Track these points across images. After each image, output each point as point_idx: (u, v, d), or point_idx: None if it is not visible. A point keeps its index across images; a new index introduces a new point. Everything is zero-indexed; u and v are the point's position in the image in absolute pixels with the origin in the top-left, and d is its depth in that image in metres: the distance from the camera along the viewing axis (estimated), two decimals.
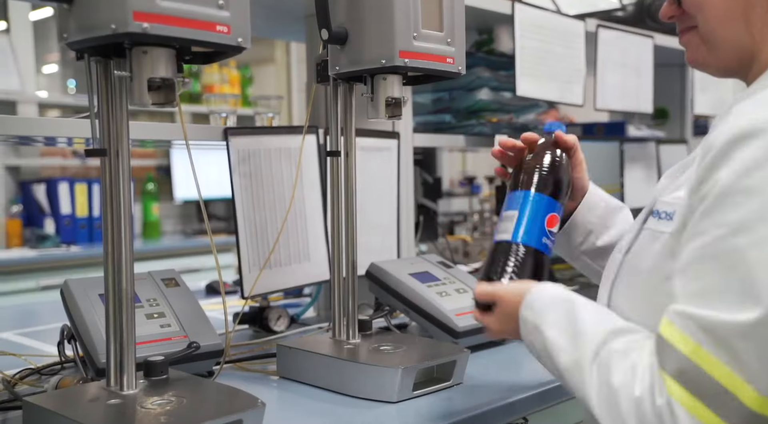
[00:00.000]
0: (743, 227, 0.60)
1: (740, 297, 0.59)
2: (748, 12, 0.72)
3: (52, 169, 3.57)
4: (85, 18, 0.76)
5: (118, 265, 0.87)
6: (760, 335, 0.58)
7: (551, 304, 0.76)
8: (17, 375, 1.13)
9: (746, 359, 0.58)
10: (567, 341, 0.71)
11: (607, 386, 0.65)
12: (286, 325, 1.47)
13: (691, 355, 0.60)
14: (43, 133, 1.14)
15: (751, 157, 0.60)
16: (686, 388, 0.60)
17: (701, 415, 0.59)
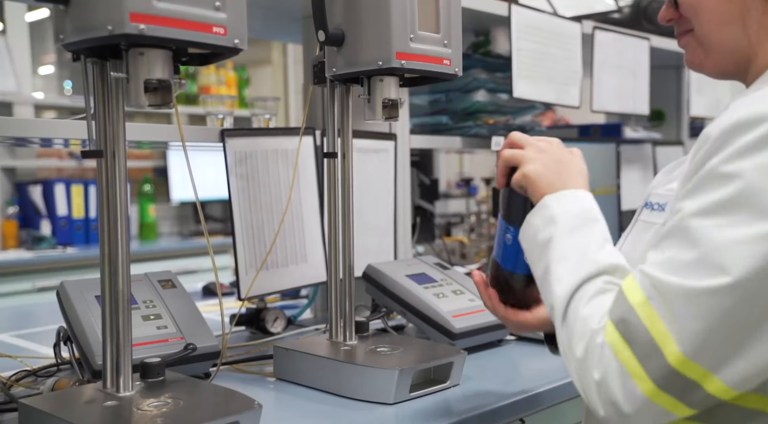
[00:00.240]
0: (718, 209, 0.61)
1: (700, 269, 0.61)
2: (744, 15, 0.73)
3: (49, 171, 3.56)
4: (82, 19, 0.76)
5: (115, 266, 0.87)
6: (703, 303, 0.60)
7: (578, 210, 0.75)
8: (13, 377, 1.13)
9: (684, 321, 0.61)
10: (574, 253, 0.72)
11: (575, 314, 0.68)
12: (283, 326, 1.47)
13: (637, 306, 0.63)
14: (39, 135, 1.14)
15: (739, 146, 0.62)
16: (621, 334, 0.64)
17: (625, 360, 0.63)
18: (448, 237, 2.38)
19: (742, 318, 0.60)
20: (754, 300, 0.60)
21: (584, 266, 0.70)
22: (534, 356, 1.27)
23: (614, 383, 0.63)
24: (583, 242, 0.72)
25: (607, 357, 0.64)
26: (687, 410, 0.64)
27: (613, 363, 0.63)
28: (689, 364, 0.61)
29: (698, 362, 0.61)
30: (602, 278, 0.70)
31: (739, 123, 0.62)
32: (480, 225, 2.36)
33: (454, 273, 1.45)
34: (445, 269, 1.45)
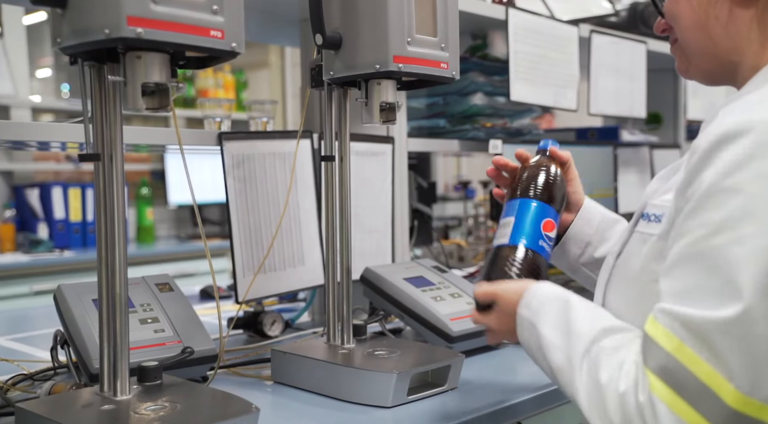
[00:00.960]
0: (725, 226, 0.60)
1: (721, 294, 0.59)
2: (707, 23, 0.74)
3: (46, 174, 3.55)
4: (79, 22, 0.76)
5: (112, 269, 0.87)
6: (740, 331, 0.58)
7: (547, 302, 0.77)
8: (9, 381, 1.13)
9: (726, 356, 0.58)
10: (560, 339, 0.72)
11: (595, 383, 0.66)
12: (280, 330, 1.47)
13: (674, 352, 0.61)
14: (36, 138, 1.14)
15: (733, 158, 0.61)
16: (668, 385, 0.61)
17: (682, 412, 0.60)
18: (446, 240, 2.38)
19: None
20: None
21: (582, 338, 0.70)
22: (531, 360, 1.27)
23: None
24: (564, 325, 0.73)
25: (661, 411, 0.60)
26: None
27: (669, 417, 0.60)
28: (747, 401, 0.58)
29: (755, 397, 0.58)
30: (609, 338, 0.68)
31: (726, 134, 0.62)
32: (477, 228, 2.36)
33: (452, 276, 1.45)
34: (443, 272, 1.45)
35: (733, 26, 0.72)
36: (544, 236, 0.94)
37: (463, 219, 2.51)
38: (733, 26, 0.72)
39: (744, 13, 0.71)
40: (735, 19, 0.72)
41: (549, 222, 0.95)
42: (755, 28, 0.71)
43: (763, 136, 0.60)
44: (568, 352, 0.70)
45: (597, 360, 0.67)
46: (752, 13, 0.71)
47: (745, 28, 0.72)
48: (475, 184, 2.97)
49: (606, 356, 0.67)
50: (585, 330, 0.70)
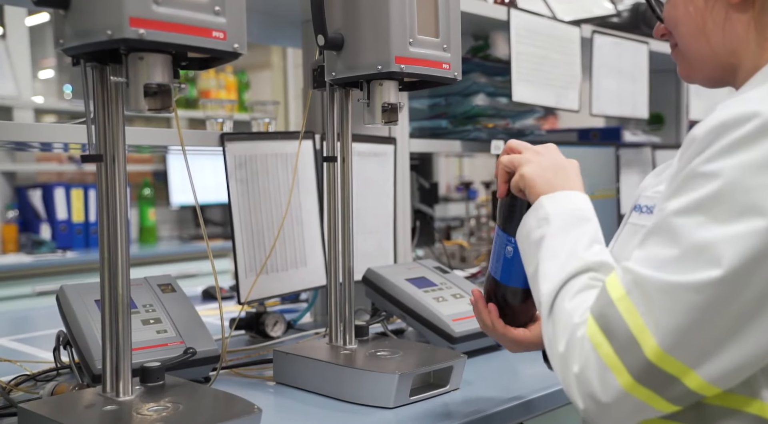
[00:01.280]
0: (699, 206, 0.62)
1: (676, 264, 0.62)
2: (707, 27, 0.75)
3: (48, 175, 3.56)
4: (81, 24, 0.76)
5: (114, 270, 0.87)
6: (680, 297, 0.61)
7: (571, 212, 0.77)
8: (12, 381, 1.13)
9: (660, 314, 0.61)
10: (560, 255, 0.74)
11: (560, 309, 0.70)
12: (282, 330, 1.47)
13: (616, 300, 0.64)
14: (39, 139, 1.14)
15: (724, 144, 0.62)
16: (601, 328, 0.64)
17: (605, 354, 0.63)
18: (448, 241, 2.38)
19: (722, 315, 0.60)
20: (732, 297, 0.60)
21: (571, 263, 0.72)
22: (533, 361, 1.27)
23: (593, 376, 0.64)
24: (572, 241, 0.74)
25: (587, 350, 0.65)
26: (667, 405, 0.64)
27: (592, 356, 0.64)
28: (667, 358, 0.61)
29: (676, 357, 0.61)
30: (588, 274, 0.71)
31: (724, 123, 0.63)
32: (479, 229, 2.36)
33: (454, 277, 1.45)
34: (445, 273, 1.45)
35: (730, 30, 0.73)
36: None
37: (465, 220, 2.51)
38: (730, 30, 0.73)
39: (740, 16, 0.72)
40: (732, 23, 0.73)
41: None
42: (752, 30, 0.72)
43: (756, 127, 0.61)
44: (559, 273, 0.72)
45: (573, 291, 0.70)
46: (748, 16, 0.72)
47: (742, 31, 0.73)
48: (477, 185, 2.96)
49: (582, 291, 0.70)
50: (584, 255, 0.72)
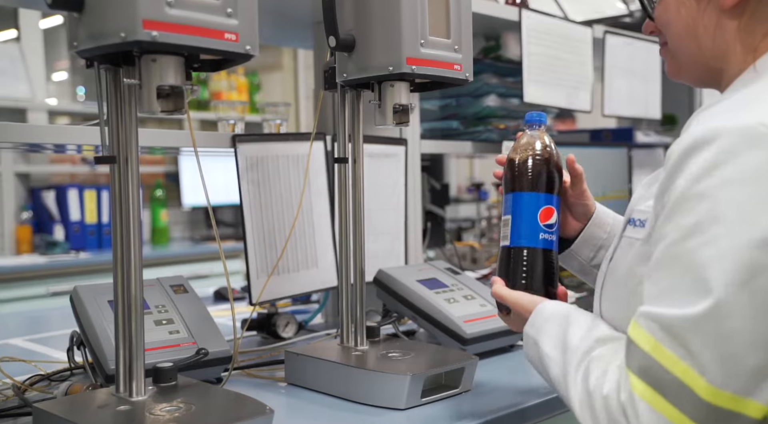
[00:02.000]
0: (695, 230, 0.63)
1: (693, 292, 0.62)
2: (696, 31, 0.76)
3: (62, 176, 3.59)
4: (95, 26, 0.77)
5: (127, 271, 0.88)
6: (710, 326, 0.61)
7: (550, 320, 0.83)
8: (27, 381, 1.14)
9: (698, 352, 0.61)
10: (558, 354, 0.78)
11: (584, 390, 0.70)
12: (294, 331, 1.47)
13: (652, 351, 0.64)
14: (52, 141, 1.15)
15: (702, 165, 0.64)
16: (648, 383, 0.64)
17: (662, 408, 0.62)
18: (459, 242, 2.38)
19: (756, 330, 0.60)
20: (758, 308, 0.60)
21: (572, 357, 0.75)
22: None
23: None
24: (563, 341, 0.78)
25: (642, 409, 0.63)
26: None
27: (650, 414, 0.63)
28: (721, 394, 0.60)
29: (729, 391, 0.60)
30: (595, 351, 0.73)
31: (695, 143, 0.65)
32: (491, 230, 2.35)
33: (465, 278, 1.44)
34: (456, 274, 1.45)
35: (720, 35, 0.75)
36: (542, 228, 0.94)
37: (476, 221, 2.51)
38: (720, 35, 0.75)
39: (730, 22, 0.74)
40: (722, 29, 0.75)
41: (546, 211, 0.95)
42: (739, 36, 0.74)
43: (726, 143, 0.63)
44: (564, 366, 0.76)
45: (587, 369, 0.72)
46: (738, 23, 0.74)
47: (731, 37, 0.74)
48: (488, 186, 2.96)
49: (595, 364, 0.72)
50: (580, 344, 0.76)
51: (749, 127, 0.62)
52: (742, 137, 0.62)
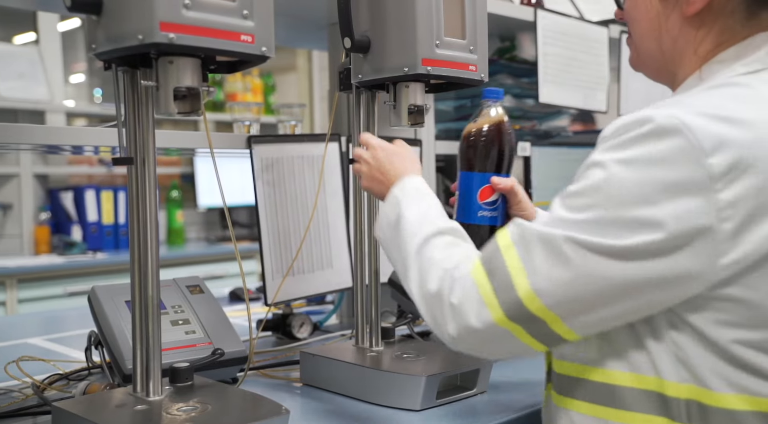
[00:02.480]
0: (583, 190, 0.69)
1: (553, 223, 0.70)
2: (660, 34, 0.80)
3: (79, 177, 3.63)
4: (113, 29, 0.78)
5: (145, 272, 0.88)
6: (555, 246, 0.68)
7: (422, 190, 0.91)
8: (46, 380, 1.15)
9: (537, 260, 0.69)
10: (416, 221, 0.85)
11: (429, 259, 0.79)
12: (309, 332, 1.48)
13: (502, 247, 0.72)
14: (70, 142, 1.16)
15: (616, 143, 0.69)
16: (486, 270, 0.72)
17: (484, 291, 0.71)
18: None
19: (592, 280, 0.67)
20: (583, 270, 0.67)
21: (427, 228, 0.83)
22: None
23: (470, 309, 0.71)
24: (424, 209, 0.87)
25: (468, 287, 0.72)
26: (533, 341, 0.71)
27: (473, 292, 0.72)
28: (535, 300, 0.68)
29: (543, 301, 0.68)
30: (446, 236, 0.81)
31: (624, 123, 0.69)
32: None
33: None
34: None
35: (679, 40, 0.79)
36: (481, 205, 1.02)
37: None
38: (679, 40, 0.79)
39: (689, 30, 0.78)
40: (681, 35, 0.78)
41: (485, 189, 1.02)
42: (694, 45, 0.78)
43: (642, 129, 0.66)
44: (419, 232, 0.83)
45: (440, 246, 0.80)
46: (695, 33, 0.78)
47: (687, 44, 0.78)
48: None
49: (448, 246, 0.80)
50: (436, 222, 0.84)
51: (666, 118, 0.66)
52: (657, 126, 0.65)
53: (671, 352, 0.67)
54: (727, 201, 0.62)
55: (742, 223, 0.63)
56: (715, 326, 0.65)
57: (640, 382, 0.68)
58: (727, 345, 0.65)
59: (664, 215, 0.63)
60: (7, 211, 3.27)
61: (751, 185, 0.62)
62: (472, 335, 0.72)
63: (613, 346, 0.71)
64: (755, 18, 0.74)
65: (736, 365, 0.65)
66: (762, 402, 0.65)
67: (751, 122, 0.65)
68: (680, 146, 0.63)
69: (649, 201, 0.64)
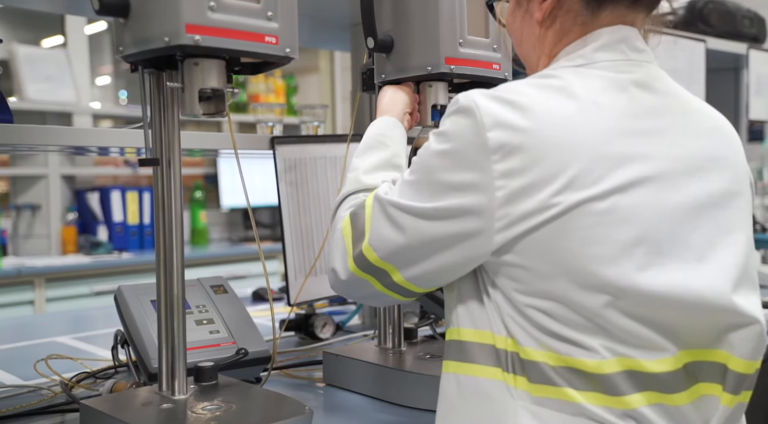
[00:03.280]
0: (414, 163, 0.78)
1: (393, 189, 0.80)
2: (523, 37, 0.88)
3: (105, 178, 3.68)
4: (140, 31, 0.78)
5: (170, 271, 0.89)
6: (384, 208, 0.78)
7: (371, 137, 0.97)
8: (74, 378, 1.17)
9: (377, 219, 0.79)
10: (349, 176, 0.92)
11: (337, 216, 0.88)
12: (331, 332, 1.48)
13: (366, 206, 0.82)
14: (97, 144, 1.18)
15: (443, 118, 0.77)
16: (351, 223, 0.83)
17: (347, 242, 0.82)
18: None
19: (418, 238, 0.76)
20: (426, 229, 0.75)
21: (352, 184, 0.90)
22: None
23: (337, 257, 0.83)
24: (362, 163, 0.93)
25: (338, 237, 0.84)
26: (385, 289, 0.81)
27: (341, 243, 0.83)
28: (373, 254, 0.79)
29: (380, 256, 0.78)
30: (362, 193, 0.88)
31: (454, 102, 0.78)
32: None
33: None
34: None
35: (537, 44, 0.85)
36: None
37: None
38: (537, 44, 0.85)
39: (543, 33, 0.84)
40: (539, 39, 0.85)
41: None
42: (545, 43, 0.84)
43: (455, 108, 0.75)
44: (349, 185, 0.91)
45: (348, 204, 0.88)
46: (545, 32, 0.84)
47: (540, 44, 0.85)
48: None
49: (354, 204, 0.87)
50: (363, 178, 0.91)
51: (464, 97, 0.74)
52: (459, 106, 0.74)
53: (495, 309, 0.75)
54: (500, 172, 0.70)
55: (512, 194, 0.70)
56: (512, 290, 0.73)
57: (480, 337, 0.76)
58: (524, 309, 0.72)
59: (454, 182, 0.73)
60: (35, 211, 3.33)
61: (519, 165, 0.70)
62: (339, 281, 0.83)
63: (465, 307, 0.78)
64: (596, 17, 0.80)
65: (536, 326, 0.72)
66: (568, 360, 0.70)
67: (532, 110, 0.72)
68: (469, 123, 0.73)
69: (445, 169, 0.73)
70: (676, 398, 0.72)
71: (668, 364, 0.71)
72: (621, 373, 0.70)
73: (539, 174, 0.69)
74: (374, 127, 0.98)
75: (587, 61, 0.79)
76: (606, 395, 0.70)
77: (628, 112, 0.74)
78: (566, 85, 0.74)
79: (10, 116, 1.04)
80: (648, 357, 0.71)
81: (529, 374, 0.72)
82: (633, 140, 0.73)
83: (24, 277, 2.87)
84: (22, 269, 2.88)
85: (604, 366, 0.70)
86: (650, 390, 0.71)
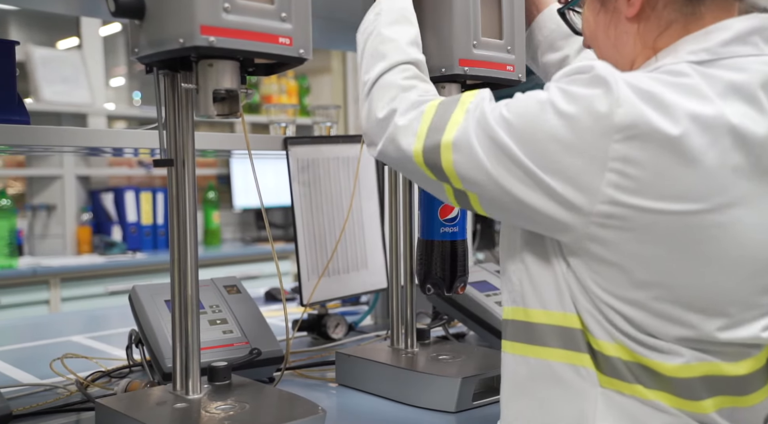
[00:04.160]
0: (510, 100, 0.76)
1: (501, 121, 0.75)
2: (609, 37, 0.84)
3: (119, 179, 3.70)
4: (155, 33, 0.79)
5: (184, 271, 0.90)
6: (478, 124, 0.74)
7: (398, 10, 0.93)
8: (89, 377, 1.18)
9: (470, 128, 0.75)
10: (388, 45, 0.89)
11: (390, 81, 0.85)
12: (344, 332, 1.48)
13: (459, 103, 0.79)
14: (112, 144, 1.19)
15: (567, 79, 0.73)
16: (437, 110, 0.79)
17: (422, 124, 0.79)
18: None
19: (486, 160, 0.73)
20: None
21: (396, 54, 0.87)
22: None
23: (404, 134, 0.79)
24: (399, 34, 0.90)
25: (414, 114, 0.80)
26: (433, 178, 0.78)
27: (417, 122, 0.79)
28: (449, 151, 0.75)
29: (453, 157, 0.74)
30: (412, 68, 0.87)
31: (573, 68, 0.74)
32: None
33: None
34: None
35: (627, 39, 0.82)
36: (443, 223, 1.07)
37: None
38: (627, 39, 0.82)
39: (632, 27, 0.81)
40: (627, 34, 0.81)
41: (445, 207, 1.06)
42: (640, 39, 0.80)
43: (590, 76, 0.70)
44: (391, 54, 0.88)
45: (405, 75, 0.86)
46: (637, 28, 0.80)
47: (634, 40, 0.81)
48: None
49: (412, 78, 0.86)
50: (407, 50, 0.88)
51: (604, 68, 0.69)
52: (595, 75, 0.69)
53: (567, 290, 0.71)
54: (618, 154, 0.65)
55: (623, 183, 0.65)
56: (590, 280, 0.69)
57: (550, 318, 0.73)
58: (601, 305, 0.69)
59: (564, 165, 0.67)
60: (51, 211, 3.37)
61: (641, 156, 0.64)
62: (393, 157, 0.81)
63: (533, 285, 0.75)
64: (697, 7, 0.75)
65: (612, 325, 0.69)
66: (643, 359, 0.68)
67: (670, 105, 0.66)
68: (601, 93, 0.67)
69: (559, 141, 0.68)
70: (750, 398, 0.70)
71: (748, 365, 0.69)
72: (699, 377, 0.68)
73: (660, 173, 0.64)
74: (394, 1, 0.93)
75: (713, 56, 0.71)
76: (679, 398, 0.68)
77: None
78: (695, 85, 0.68)
79: (27, 117, 1.05)
80: (730, 361, 0.68)
81: (598, 364, 0.70)
82: None
83: (39, 277, 2.90)
84: (38, 268, 2.91)
85: (684, 370, 0.68)
86: (724, 394, 0.69)
